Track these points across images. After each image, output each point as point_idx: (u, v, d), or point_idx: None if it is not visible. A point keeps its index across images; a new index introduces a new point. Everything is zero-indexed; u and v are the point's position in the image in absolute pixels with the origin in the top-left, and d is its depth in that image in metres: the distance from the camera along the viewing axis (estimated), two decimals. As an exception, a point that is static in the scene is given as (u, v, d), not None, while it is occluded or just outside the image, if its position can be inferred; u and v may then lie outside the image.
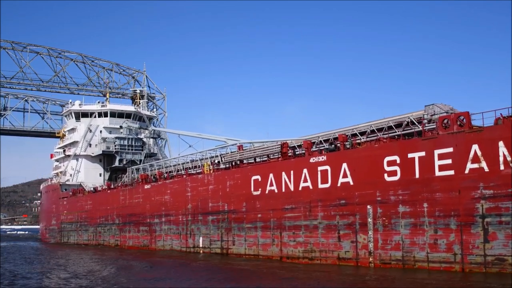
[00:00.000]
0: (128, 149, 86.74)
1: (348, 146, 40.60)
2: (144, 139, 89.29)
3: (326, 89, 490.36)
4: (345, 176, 39.51)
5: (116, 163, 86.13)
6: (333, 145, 41.53)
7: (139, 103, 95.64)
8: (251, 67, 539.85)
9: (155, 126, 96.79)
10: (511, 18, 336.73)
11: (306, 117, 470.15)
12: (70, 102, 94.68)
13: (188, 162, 64.29)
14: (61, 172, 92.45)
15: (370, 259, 37.23)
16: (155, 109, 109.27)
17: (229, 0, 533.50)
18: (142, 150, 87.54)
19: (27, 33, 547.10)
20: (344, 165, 39.59)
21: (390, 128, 42.23)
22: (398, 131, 41.17)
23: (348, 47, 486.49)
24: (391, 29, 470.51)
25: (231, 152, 54.93)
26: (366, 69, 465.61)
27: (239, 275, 36.06)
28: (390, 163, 36.48)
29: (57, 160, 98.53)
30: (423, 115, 40.26)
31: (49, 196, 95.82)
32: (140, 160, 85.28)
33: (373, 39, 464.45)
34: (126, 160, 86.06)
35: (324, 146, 44.58)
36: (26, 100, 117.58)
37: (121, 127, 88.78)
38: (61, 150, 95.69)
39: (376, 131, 42.93)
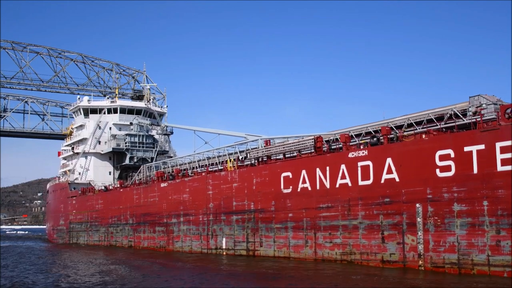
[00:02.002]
0: (139, 147, 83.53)
1: (392, 140, 37.47)
2: (156, 136, 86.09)
3: (326, 89, 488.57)
4: (389, 172, 36.42)
5: (127, 161, 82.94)
6: (375, 139, 38.37)
7: (149, 99, 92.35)
8: (251, 67, 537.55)
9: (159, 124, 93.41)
10: (511, 18, 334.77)
11: (306, 117, 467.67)
12: (79, 98, 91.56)
13: (205, 159, 61.23)
14: (69, 170, 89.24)
15: (420, 262, 34.15)
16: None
17: (229, 0, 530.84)
18: (154, 148, 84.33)
19: (27, 33, 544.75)
20: (389, 160, 36.50)
21: (429, 121, 39.35)
22: (440, 124, 38.25)
23: (348, 47, 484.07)
24: (390, 30, 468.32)
25: (254, 148, 51.88)
26: (366, 69, 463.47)
27: (282, 278, 33.01)
28: (443, 158, 33.38)
29: (64, 158, 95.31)
30: (468, 107, 37.34)
31: (56, 195, 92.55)
32: (152, 158, 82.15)
33: (373, 40, 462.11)
34: (137, 157, 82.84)
35: (356, 141, 41.47)
36: (26, 102, 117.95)
37: (131, 123, 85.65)
38: (69, 147, 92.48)
39: (414, 124, 40.08)
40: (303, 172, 42.67)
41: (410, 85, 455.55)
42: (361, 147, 39.63)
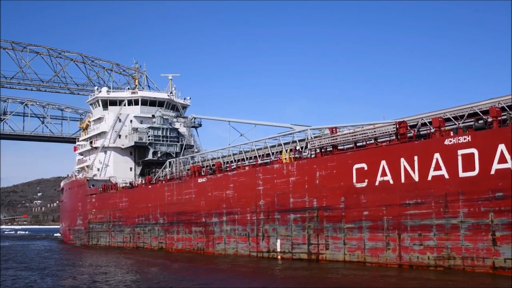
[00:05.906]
0: (163, 141, 77.45)
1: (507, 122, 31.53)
2: (180, 130, 79.97)
3: (325, 89, 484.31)
4: (503, 161, 30.49)
5: (150, 156, 76.82)
6: (481, 121, 32.41)
7: (173, 91, 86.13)
8: (251, 67, 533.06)
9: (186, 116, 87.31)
10: (511, 18, 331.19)
11: (306, 117, 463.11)
12: (97, 89, 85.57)
13: (241, 153, 55.30)
14: (87, 166, 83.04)
15: (548, 269, 28.27)
16: None
17: (230, 0, 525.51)
18: (178, 142, 78.23)
19: (27, 33, 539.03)
20: (501, 147, 30.57)
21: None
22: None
23: (348, 47, 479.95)
24: (390, 30, 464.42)
25: (317, 137, 45.97)
26: (366, 69, 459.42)
27: None
28: None
29: (81, 154, 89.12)
30: None
31: (73, 193, 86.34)
32: (177, 153, 75.97)
33: (373, 40, 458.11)
34: (160, 152, 76.79)
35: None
36: (25, 104, 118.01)
37: (153, 116, 79.59)
38: (86, 142, 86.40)
39: (507, 108, 34.32)
40: (383, 163, 36.72)
41: (410, 85, 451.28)
42: (461, 131, 33.69)
